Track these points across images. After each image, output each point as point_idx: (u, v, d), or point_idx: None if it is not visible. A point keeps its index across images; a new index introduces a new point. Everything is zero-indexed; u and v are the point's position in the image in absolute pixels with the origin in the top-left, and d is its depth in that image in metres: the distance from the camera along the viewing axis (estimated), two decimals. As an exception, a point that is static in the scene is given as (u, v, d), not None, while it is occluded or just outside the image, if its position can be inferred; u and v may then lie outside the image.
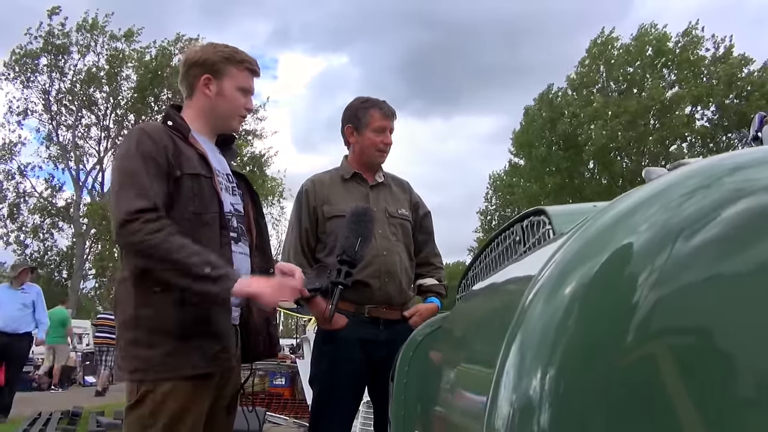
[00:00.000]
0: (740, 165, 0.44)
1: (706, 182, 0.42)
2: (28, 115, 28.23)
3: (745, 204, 0.40)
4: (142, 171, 1.70)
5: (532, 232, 0.90)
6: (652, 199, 0.43)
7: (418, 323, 2.43)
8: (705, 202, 0.41)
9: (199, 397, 1.72)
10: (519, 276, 0.65)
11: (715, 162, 0.46)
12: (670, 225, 0.41)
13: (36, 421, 6.81)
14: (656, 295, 0.39)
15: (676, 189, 0.43)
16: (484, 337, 0.66)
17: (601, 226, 0.45)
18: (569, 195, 28.72)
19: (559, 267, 0.45)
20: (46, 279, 29.26)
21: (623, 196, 0.48)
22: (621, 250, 0.42)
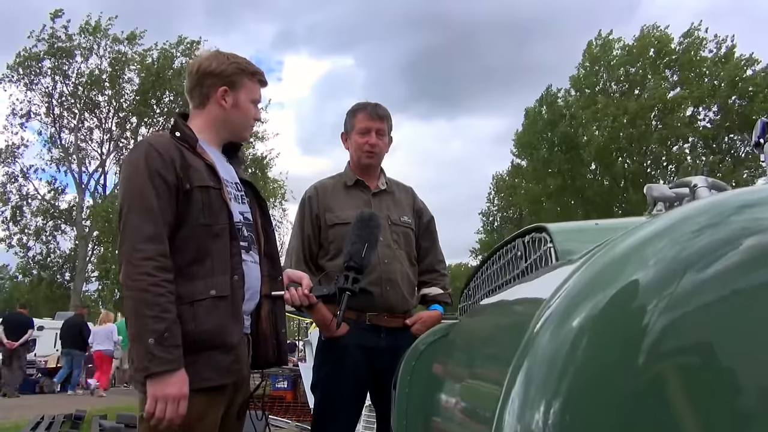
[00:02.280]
0: (747, 204, 0.45)
1: (713, 220, 0.43)
2: (30, 117, 28.31)
3: (750, 243, 0.40)
4: (150, 191, 1.72)
5: (533, 248, 0.90)
6: (661, 234, 0.43)
7: (420, 331, 2.43)
8: (712, 241, 0.41)
9: (212, 407, 1.74)
10: (526, 298, 0.65)
11: (723, 200, 0.46)
12: (677, 262, 0.41)
13: (39, 425, 6.83)
14: (664, 331, 0.39)
15: (684, 226, 0.43)
16: (489, 358, 0.66)
17: (611, 258, 0.45)
18: (571, 196, 28.70)
19: (568, 298, 0.45)
20: (48, 281, 29.31)
21: (633, 229, 0.48)
22: (629, 285, 0.42)
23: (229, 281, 1.77)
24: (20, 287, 32.02)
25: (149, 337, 1.60)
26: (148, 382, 1.61)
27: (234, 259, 1.80)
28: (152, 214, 1.70)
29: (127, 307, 1.69)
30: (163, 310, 1.63)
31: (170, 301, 1.65)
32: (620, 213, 27.68)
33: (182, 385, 1.62)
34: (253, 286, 1.88)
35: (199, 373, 1.67)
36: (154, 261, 1.66)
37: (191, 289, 1.72)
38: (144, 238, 1.68)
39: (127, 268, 1.68)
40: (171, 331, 1.62)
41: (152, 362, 1.60)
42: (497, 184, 35.92)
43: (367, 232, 2.03)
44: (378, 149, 2.52)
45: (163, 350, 1.60)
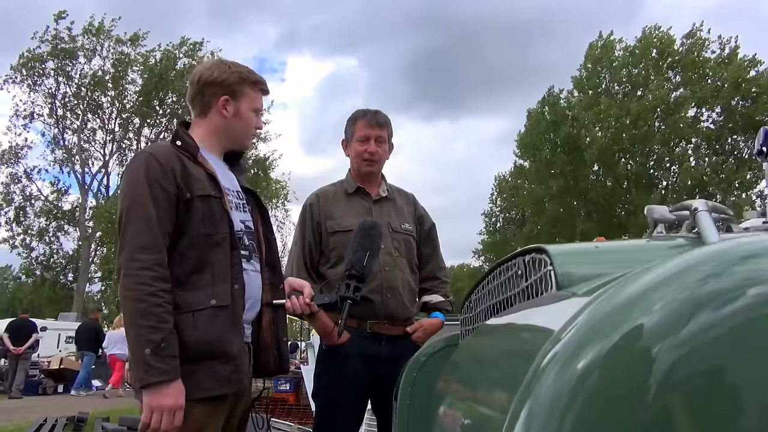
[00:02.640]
0: (751, 254, 0.46)
1: (717, 270, 0.44)
2: (34, 118, 28.39)
3: (753, 292, 0.41)
4: (149, 201, 1.72)
5: (533, 268, 0.91)
6: (667, 281, 0.44)
7: (421, 339, 2.43)
8: (715, 290, 0.42)
9: (213, 417, 1.73)
10: (531, 326, 0.65)
11: (728, 249, 0.47)
12: (682, 310, 0.41)
13: (42, 427, 6.84)
14: (667, 378, 0.39)
15: (690, 274, 0.44)
16: (491, 384, 0.66)
17: (618, 302, 0.46)
18: (574, 197, 28.65)
19: (574, 339, 0.46)
20: (51, 282, 29.37)
21: (640, 272, 0.48)
22: (635, 330, 0.43)
23: (230, 291, 1.77)
24: (23, 288, 32.11)
25: (146, 348, 1.60)
26: (144, 393, 1.61)
27: (234, 269, 1.80)
28: (150, 223, 1.70)
29: (125, 316, 1.69)
30: (159, 320, 1.63)
31: (167, 311, 1.65)
32: (623, 214, 27.64)
33: (178, 396, 1.62)
34: (254, 295, 1.88)
35: (199, 383, 1.67)
36: (151, 271, 1.66)
37: (192, 298, 1.72)
38: (141, 247, 1.68)
39: (125, 277, 1.68)
40: (168, 341, 1.62)
41: (148, 373, 1.59)
42: (500, 185, 35.88)
43: (369, 240, 2.03)
44: (378, 157, 2.52)
45: (160, 361, 1.60)
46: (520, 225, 33.07)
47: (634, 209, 26.31)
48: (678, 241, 0.88)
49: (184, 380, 1.65)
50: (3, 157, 27.98)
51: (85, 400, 11.37)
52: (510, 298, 1.06)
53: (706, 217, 0.83)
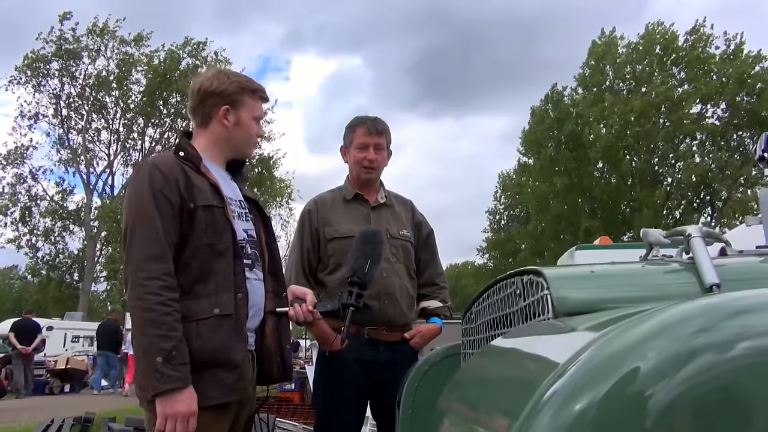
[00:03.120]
0: (741, 310, 0.48)
1: (708, 324, 0.46)
2: (39, 119, 28.51)
3: (741, 347, 0.43)
4: (154, 212, 1.74)
5: (531, 289, 0.92)
6: (662, 331, 0.46)
7: (419, 345, 2.46)
8: (705, 343, 0.44)
9: (218, 424, 1.76)
10: (533, 355, 0.67)
11: (719, 303, 0.49)
12: (674, 360, 0.43)
13: (49, 428, 6.89)
14: (658, 422, 0.41)
15: (683, 327, 0.46)
16: (491, 407, 0.67)
17: (615, 349, 0.48)
18: (578, 195, 28.59)
19: (573, 380, 0.47)
20: (57, 282, 29.51)
21: (636, 322, 0.50)
22: (629, 376, 0.45)
23: (233, 299, 1.78)
24: (29, 287, 32.27)
25: (157, 356, 1.62)
26: (157, 401, 1.63)
27: (238, 278, 1.81)
28: (156, 234, 1.72)
29: (134, 325, 1.71)
30: (170, 329, 1.65)
31: (176, 319, 1.67)
32: (627, 211, 27.56)
33: (191, 402, 1.65)
34: (257, 304, 1.90)
35: (203, 392, 1.69)
36: (159, 280, 1.68)
37: (195, 307, 1.74)
38: (149, 258, 1.70)
39: (133, 288, 1.70)
40: (178, 349, 1.64)
41: (161, 381, 1.61)
42: (504, 182, 35.85)
43: (371, 248, 2.05)
44: (377, 164, 2.54)
45: (172, 368, 1.62)
46: (525, 222, 33.05)
47: (638, 206, 26.23)
48: (672, 266, 0.89)
49: None
50: (8, 157, 28.14)
51: (90, 401, 11.42)
52: (509, 315, 1.07)
53: (699, 243, 0.84)
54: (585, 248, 9.94)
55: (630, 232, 28.08)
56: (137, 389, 1.74)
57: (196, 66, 28.59)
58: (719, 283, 0.81)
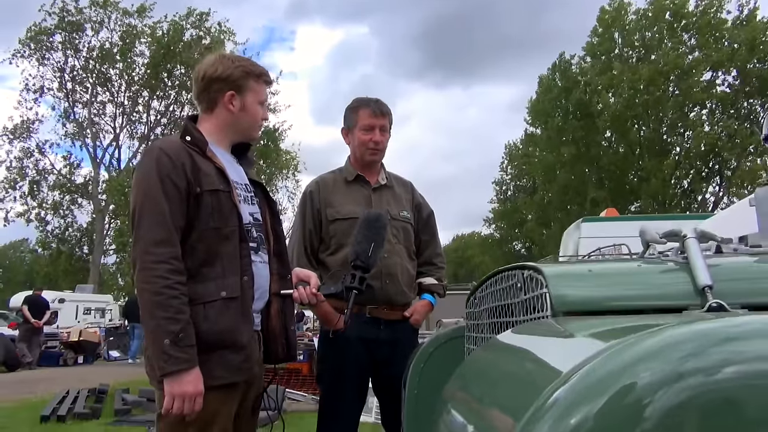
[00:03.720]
0: (730, 337, 0.52)
1: (697, 350, 0.49)
2: (44, 92, 28.46)
3: (728, 371, 0.46)
4: (161, 196, 1.76)
5: (531, 285, 0.95)
6: (656, 353, 0.50)
7: (418, 321, 2.52)
8: (693, 367, 0.47)
9: (226, 404, 1.81)
10: (537, 359, 0.70)
11: (710, 329, 0.52)
12: (662, 383, 0.46)
13: (65, 399, 7.07)
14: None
15: (674, 351, 0.49)
16: (495, 405, 0.70)
17: (607, 372, 0.51)
18: (585, 165, 28.43)
19: (571, 394, 0.50)
20: (67, 255, 29.84)
21: (634, 342, 0.52)
22: (618, 397, 0.48)
23: (239, 282, 1.82)
24: (40, 260, 32.62)
25: (165, 338, 1.66)
26: (165, 381, 1.68)
27: (243, 261, 1.85)
28: (164, 217, 1.75)
29: (142, 308, 1.75)
30: (177, 311, 1.69)
31: (183, 302, 1.71)
32: (635, 181, 27.43)
33: (198, 383, 1.69)
34: (262, 286, 1.93)
35: (210, 372, 1.73)
36: (167, 264, 1.72)
37: (202, 290, 1.78)
38: (156, 241, 1.73)
39: (141, 271, 1.73)
40: (185, 331, 1.69)
41: (168, 362, 1.66)
42: (510, 152, 35.66)
43: (374, 232, 2.08)
44: (382, 146, 2.55)
45: (179, 350, 1.67)
46: (531, 193, 32.98)
47: (646, 176, 26.08)
48: (668, 265, 0.91)
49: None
50: (15, 131, 28.20)
51: (103, 371, 11.66)
52: (510, 305, 1.10)
53: (694, 243, 0.86)
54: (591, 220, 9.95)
55: (638, 202, 28.00)
56: (147, 368, 1.79)
57: (199, 37, 28.36)
58: (711, 284, 0.84)
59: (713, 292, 0.84)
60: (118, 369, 11.36)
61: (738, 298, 0.87)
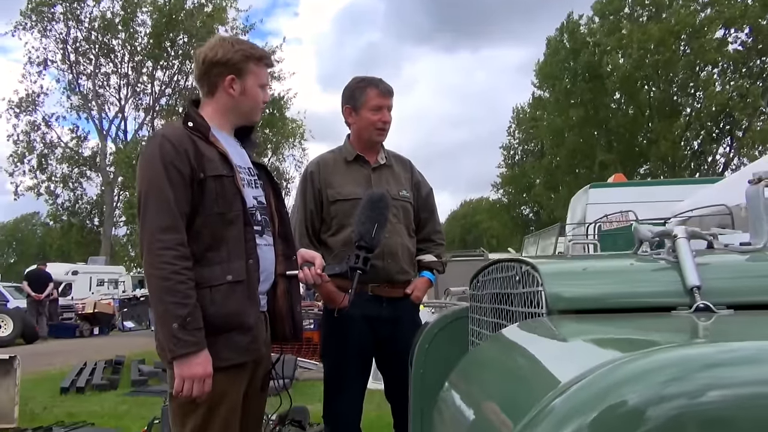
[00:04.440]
0: (711, 364, 0.55)
1: (679, 374, 0.52)
2: (48, 65, 28.35)
3: (708, 396, 0.50)
4: (165, 183, 1.79)
5: (528, 280, 0.97)
6: (641, 375, 0.53)
7: (419, 298, 2.57)
8: (675, 391, 0.50)
9: (234, 384, 1.86)
10: (533, 365, 0.73)
11: (692, 356, 0.55)
12: (646, 403, 0.49)
13: (83, 370, 7.25)
14: None
15: (656, 376, 0.52)
16: (494, 404, 0.74)
17: (594, 393, 0.53)
18: (594, 128, 28.14)
19: (565, 406, 0.54)
20: (78, 227, 30.16)
21: (623, 363, 0.55)
22: (609, 411, 0.51)
23: (245, 266, 1.85)
24: (52, 233, 32.99)
25: (173, 322, 1.71)
26: (174, 364, 1.74)
27: (248, 245, 1.88)
28: (169, 204, 1.78)
29: (150, 293, 1.80)
30: (184, 296, 1.73)
31: (190, 287, 1.75)
32: (644, 143, 27.16)
33: (206, 365, 1.75)
34: (267, 269, 1.96)
35: (218, 353, 1.78)
36: (173, 250, 1.75)
37: (208, 274, 1.81)
38: (162, 228, 1.76)
39: (149, 257, 1.77)
40: (193, 315, 1.73)
41: (177, 345, 1.71)
42: (518, 116, 35.27)
43: (377, 212, 2.11)
44: (389, 126, 2.56)
45: (187, 333, 1.71)
46: (539, 157, 32.73)
47: (655, 138, 25.81)
48: (659, 264, 0.94)
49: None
50: (21, 105, 28.21)
51: (119, 342, 11.92)
52: (510, 295, 1.13)
53: (684, 244, 0.89)
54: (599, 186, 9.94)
55: (647, 165, 27.78)
56: (158, 350, 1.85)
57: (201, 5, 27.99)
58: (699, 285, 0.87)
59: (702, 291, 0.86)
60: (132, 339, 11.61)
61: (725, 297, 0.90)
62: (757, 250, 0.96)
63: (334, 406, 2.47)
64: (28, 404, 5.57)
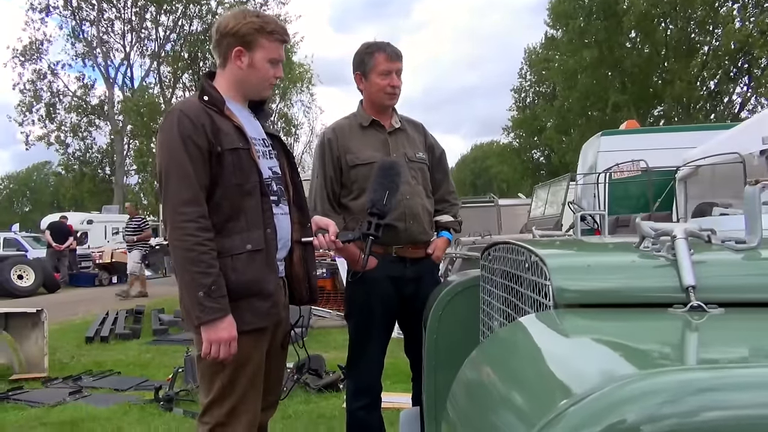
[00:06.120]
0: (705, 388, 0.59)
1: (672, 398, 0.57)
2: (50, 11, 27.89)
3: (701, 417, 0.57)
4: (185, 157, 1.85)
5: (537, 271, 1.03)
6: (638, 397, 0.59)
7: (439, 258, 2.68)
8: (669, 412, 0.56)
9: (257, 345, 1.98)
10: (540, 359, 0.80)
11: (685, 380, 0.61)
12: (641, 422, 0.56)
13: (105, 320, 7.52)
14: None
15: (653, 398, 0.58)
16: (500, 404, 0.81)
17: (591, 413, 0.59)
18: (608, 68, 27.49)
19: (574, 418, 0.60)
20: (90, 176, 30.39)
21: (625, 383, 0.61)
22: (611, 428, 0.57)
23: (263, 235, 1.93)
24: (65, 182, 33.29)
25: (199, 291, 1.81)
26: (202, 329, 1.84)
27: (266, 215, 1.95)
28: (189, 178, 1.85)
29: (176, 263, 1.89)
30: (208, 266, 1.82)
31: (213, 257, 1.84)
32: (659, 83, 26.57)
33: (231, 329, 1.85)
34: (285, 236, 2.05)
35: (241, 318, 1.88)
36: (195, 222, 1.83)
37: (229, 244, 1.89)
38: (184, 201, 1.84)
39: (172, 230, 1.86)
40: (217, 283, 1.83)
41: (204, 312, 1.81)
42: (530, 57, 34.47)
43: (389, 180, 2.18)
44: (399, 90, 2.58)
45: (212, 301, 1.81)
46: (551, 99, 32.18)
47: (671, 78, 25.22)
48: (659, 261, 1.00)
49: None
50: (25, 53, 27.95)
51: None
52: (520, 277, 1.20)
53: (682, 244, 0.94)
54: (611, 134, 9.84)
55: (661, 106, 27.27)
56: (184, 315, 1.95)
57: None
58: (694, 285, 0.92)
59: (697, 289, 0.92)
60: (150, 288, 11.91)
61: (719, 293, 0.96)
62: (751, 248, 1.01)
63: (358, 363, 2.59)
64: (56, 354, 5.82)
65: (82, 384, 4.89)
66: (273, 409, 2.21)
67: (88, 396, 4.57)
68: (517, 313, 1.19)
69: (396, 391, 3.95)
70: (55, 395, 4.52)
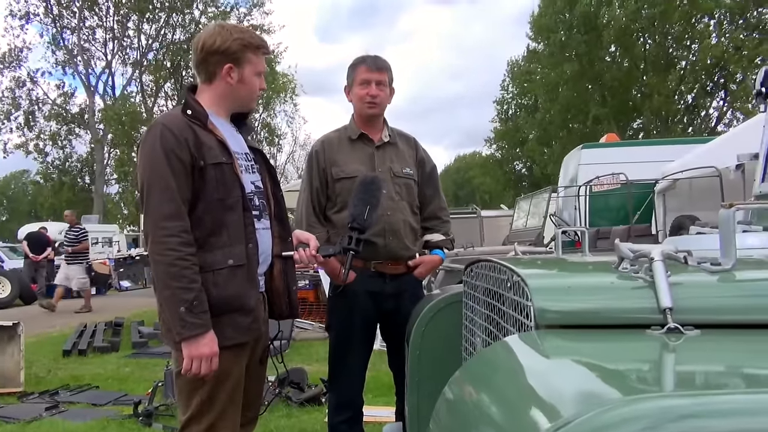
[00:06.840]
0: (686, 415, 0.61)
1: (653, 425, 0.59)
2: (30, 18, 27.59)
3: None
4: (167, 171, 1.84)
5: (519, 290, 1.05)
6: (622, 422, 0.60)
7: (423, 274, 2.64)
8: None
9: (237, 361, 1.96)
10: (522, 383, 0.80)
11: (667, 407, 0.62)
12: None
13: (83, 333, 7.37)
14: None
15: (636, 423, 0.59)
16: (480, 410, 0.81)
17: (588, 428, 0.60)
18: (589, 82, 27.90)
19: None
20: (70, 185, 29.97)
21: (609, 408, 0.62)
22: None
23: (245, 250, 1.93)
24: (43, 191, 32.78)
25: (180, 306, 1.79)
26: (183, 344, 1.82)
27: (248, 229, 1.95)
28: (171, 192, 1.84)
29: (157, 278, 1.87)
30: (190, 281, 1.81)
31: (195, 272, 1.83)
32: (638, 96, 27.02)
33: (213, 345, 1.84)
34: (266, 251, 2.04)
35: (222, 333, 1.87)
36: (177, 237, 1.82)
37: (211, 259, 1.88)
38: (166, 216, 1.83)
39: (154, 244, 1.84)
40: (199, 299, 1.81)
41: (185, 328, 1.80)
42: (512, 70, 34.84)
43: (369, 195, 2.20)
44: (379, 99, 2.57)
45: (194, 316, 1.80)
46: (533, 112, 32.53)
47: (649, 92, 25.66)
48: (638, 282, 1.02)
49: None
50: (4, 60, 27.59)
51: (117, 302, 12.05)
52: (502, 295, 1.21)
53: (660, 266, 0.96)
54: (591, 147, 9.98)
55: (640, 119, 27.70)
56: (164, 331, 1.94)
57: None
58: (672, 306, 0.94)
59: (673, 311, 0.94)
60: (130, 299, 11.76)
61: (695, 315, 0.98)
62: (726, 270, 1.03)
63: (339, 377, 2.58)
64: (32, 367, 5.69)
65: (59, 399, 4.79)
66: (252, 425, 2.19)
67: (65, 411, 4.47)
68: (499, 331, 1.20)
69: (378, 404, 3.94)
70: (31, 411, 4.42)
